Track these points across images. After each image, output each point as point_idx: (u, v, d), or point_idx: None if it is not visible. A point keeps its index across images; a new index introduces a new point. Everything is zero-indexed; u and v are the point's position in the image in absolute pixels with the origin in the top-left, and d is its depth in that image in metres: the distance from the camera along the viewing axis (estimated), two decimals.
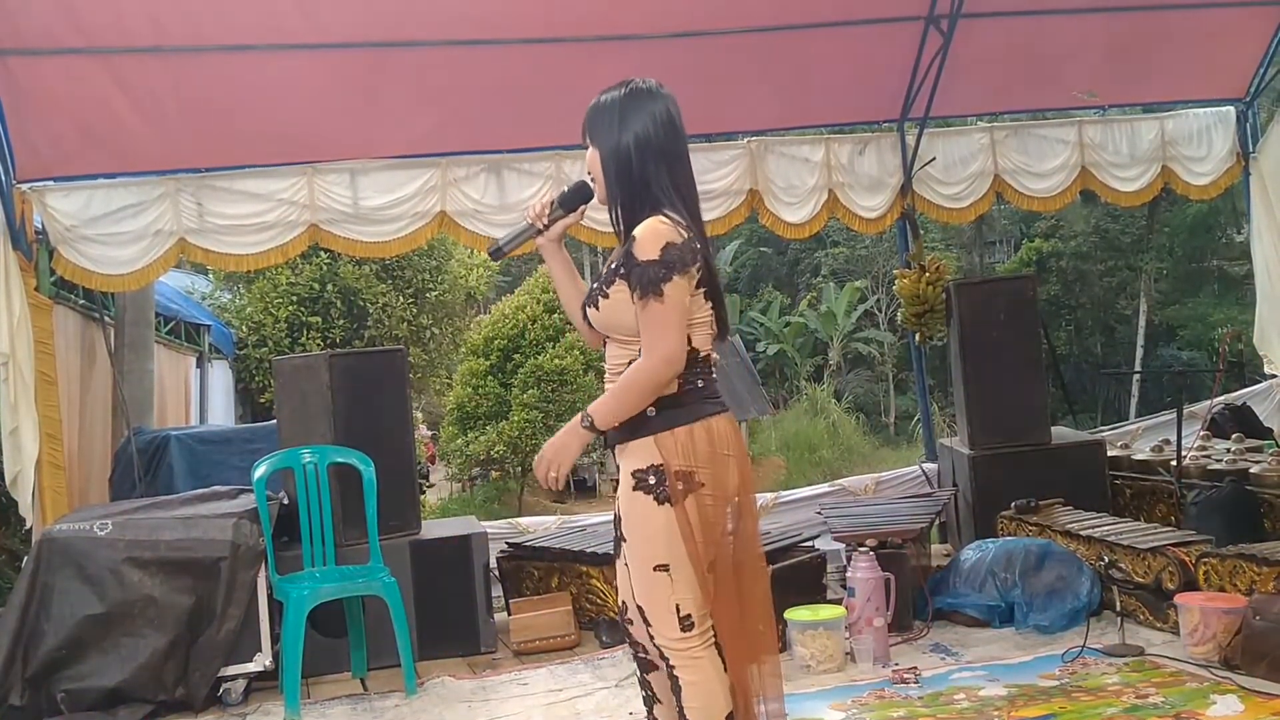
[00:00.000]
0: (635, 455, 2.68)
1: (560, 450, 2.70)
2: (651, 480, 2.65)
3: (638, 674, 2.95)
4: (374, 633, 5.01)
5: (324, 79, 6.10)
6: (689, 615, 2.68)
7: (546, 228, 2.92)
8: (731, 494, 2.74)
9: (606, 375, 2.82)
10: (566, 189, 2.91)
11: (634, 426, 2.68)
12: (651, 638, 2.75)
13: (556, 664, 5.01)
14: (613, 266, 2.71)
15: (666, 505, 2.64)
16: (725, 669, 2.75)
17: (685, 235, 2.66)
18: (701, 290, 2.71)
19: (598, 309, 2.73)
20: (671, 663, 2.72)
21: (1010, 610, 4.96)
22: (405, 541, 5.28)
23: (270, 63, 5.99)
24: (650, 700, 2.94)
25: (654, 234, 2.61)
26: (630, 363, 2.69)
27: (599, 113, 2.78)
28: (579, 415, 2.68)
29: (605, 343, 2.83)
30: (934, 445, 7.30)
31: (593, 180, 2.83)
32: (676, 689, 2.73)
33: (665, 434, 2.65)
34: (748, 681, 2.81)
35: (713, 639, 2.74)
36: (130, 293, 6.98)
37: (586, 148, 2.83)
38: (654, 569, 2.66)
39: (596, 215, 2.96)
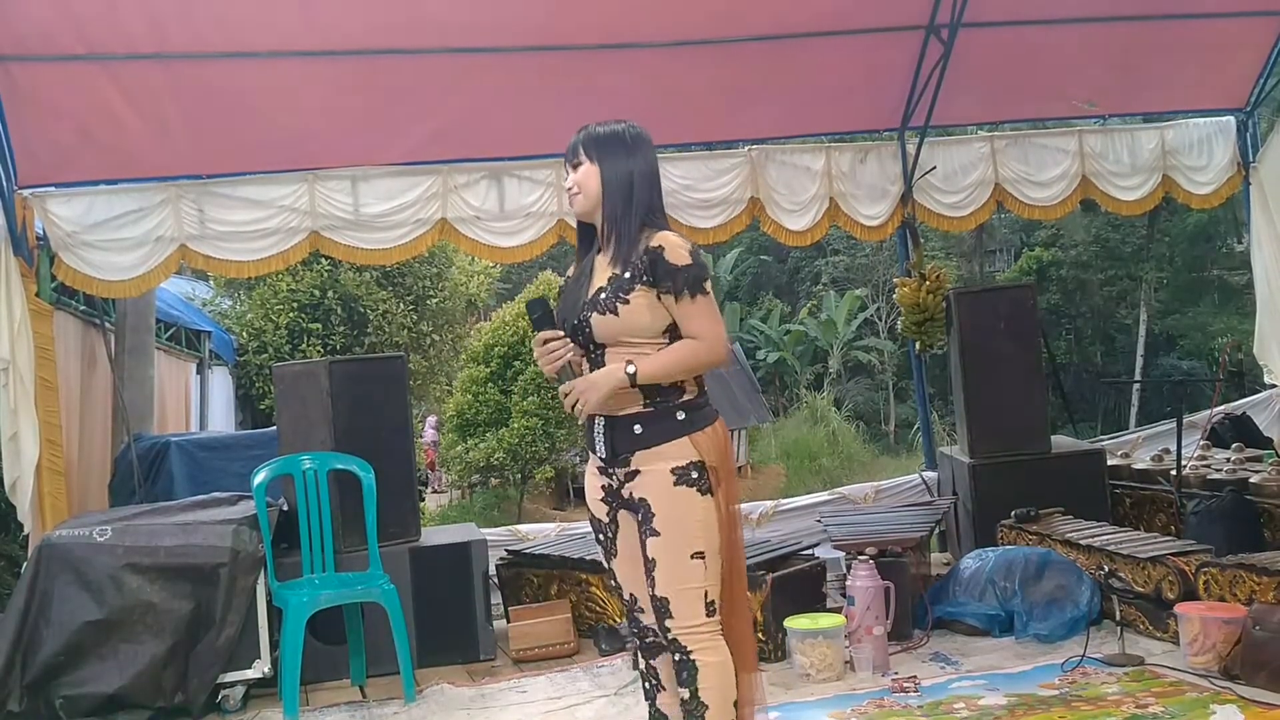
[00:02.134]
0: (672, 455, 2.84)
1: (591, 387, 2.82)
2: (694, 475, 2.83)
3: (643, 662, 3.04)
4: (373, 640, 5.00)
5: (325, 86, 6.10)
6: (713, 601, 2.86)
7: (564, 353, 2.90)
8: (730, 499, 2.91)
9: None
10: (530, 314, 2.99)
11: (666, 430, 2.85)
12: (667, 630, 2.86)
13: (555, 672, 5.00)
14: (626, 276, 2.83)
15: (708, 496, 2.84)
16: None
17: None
18: None
19: (616, 315, 2.83)
20: (690, 649, 2.84)
21: (1010, 619, 4.96)
22: (405, 548, 5.27)
23: (272, 69, 5.99)
24: (654, 690, 3.03)
25: (679, 244, 2.85)
26: None
27: (609, 139, 2.94)
28: (623, 362, 2.81)
29: (602, 352, 2.89)
30: (934, 453, 7.29)
31: (574, 192, 2.96)
32: (692, 674, 2.83)
33: (699, 433, 2.85)
34: (749, 688, 2.94)
35: (722, 627, 2.88)
36: (131, 299, 6.99)
37: (578, 164, 2.94)
38: (691, 556, 2.83)
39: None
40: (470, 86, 6.29)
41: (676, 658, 2.86)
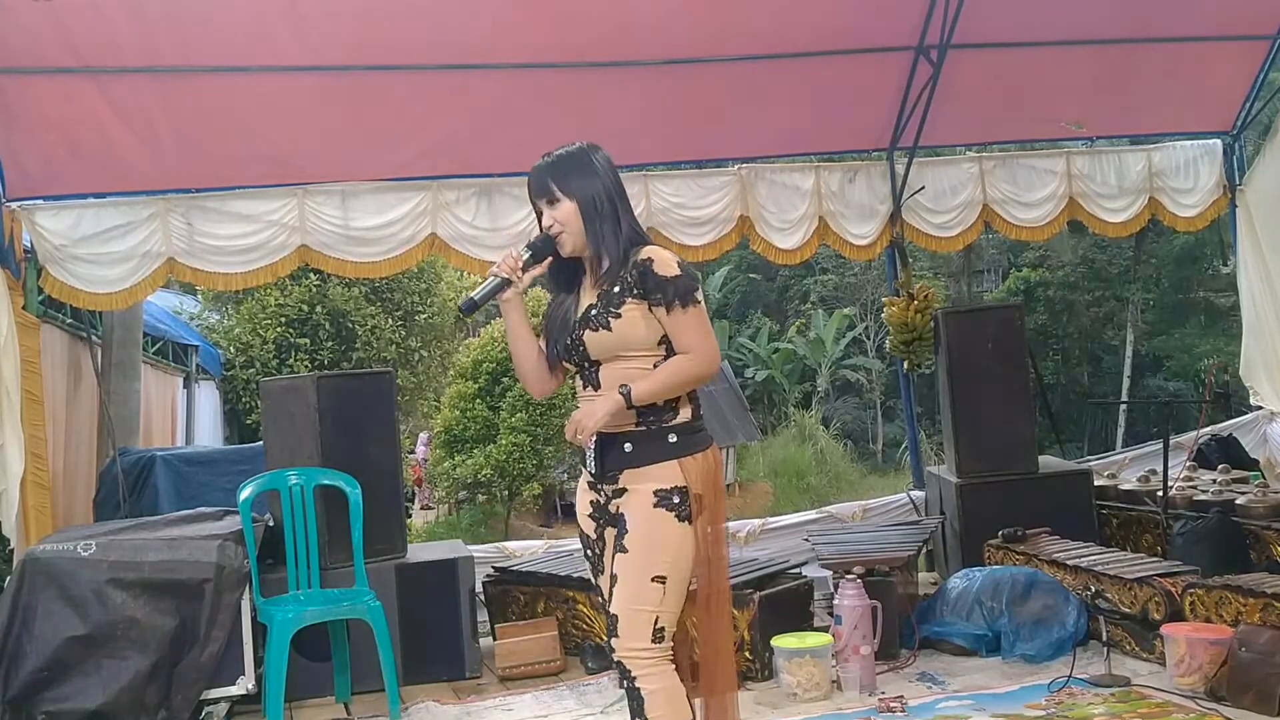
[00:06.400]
0: (657, 477, 2.82)
1: (587, 414, 2.81)
2: (676, 500, 2.81)
3: (626, 683, 2.99)
4: (358, 657, 4.97)
5: (315, 101, 6.11)
6: (663, 629, 2.82)
7: (520, 279, 2.95)
8: (716, 519, 2.89)
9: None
10: (535, 240, 2.95)
11: (655, 451, 2.83)
12: (613, 650, 2.85)
13: (542, 689, 4.98)
14: (615, 291, 2.83)
15: (686, 524, 2.81)
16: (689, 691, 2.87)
17: None
18: None
19: (609, 330, 2.83)
20: (633, 674, 2.82)
21: (997, 639, 4.96)
22: (391, 565, 5.25)
23: (262, 84, 5.99)
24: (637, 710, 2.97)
25: (666, 256, 2.85)
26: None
27: (578, 169, 2.89)
28: (616, 387, 2.80)
29: (597, 369, 2.89)
30: (921, 473, 7.30)
31: (557, 230, 2.90)
32: (639, 702, 2.81)
33: (688, 458, 2.83)
34: (727, 708, 2.94)
35: (672, 654, 2.85)
36: (118, 312, 6.98)
37: (555, 201, 2.89)
38: (652, 579, 2.79)
39: None
40: (461, 103, 6.30)
41: (624, 684, 2.84)
